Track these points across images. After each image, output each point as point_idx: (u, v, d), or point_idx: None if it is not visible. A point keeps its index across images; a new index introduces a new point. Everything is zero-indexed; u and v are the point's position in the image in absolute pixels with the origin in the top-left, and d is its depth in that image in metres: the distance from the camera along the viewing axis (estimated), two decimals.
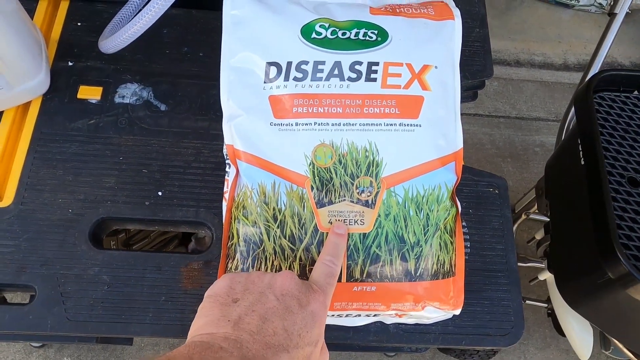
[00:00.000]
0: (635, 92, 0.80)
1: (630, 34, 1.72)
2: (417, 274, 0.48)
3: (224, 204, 0.50)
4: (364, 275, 0.47)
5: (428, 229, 0.48)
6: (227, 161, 0.50)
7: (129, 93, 0.62)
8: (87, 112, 0.60)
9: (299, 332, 0.35)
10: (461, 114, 0.51)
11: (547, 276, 0.97)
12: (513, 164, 1.50)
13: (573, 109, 0.88)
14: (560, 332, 1.04)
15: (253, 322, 0.34)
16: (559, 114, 1.58)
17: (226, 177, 0.50)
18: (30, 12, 0.65)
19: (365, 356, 1.24)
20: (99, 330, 0.51)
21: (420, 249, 0.47)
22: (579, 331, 0.93)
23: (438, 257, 0.48)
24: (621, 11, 0.95)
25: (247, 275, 0.38)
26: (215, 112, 0.62)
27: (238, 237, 0.48)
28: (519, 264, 1.12)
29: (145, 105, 0.62)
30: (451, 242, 0.49)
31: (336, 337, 0.53)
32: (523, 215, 1.17)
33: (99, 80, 0.62)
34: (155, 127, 0.60)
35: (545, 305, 1.12)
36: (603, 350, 0.96)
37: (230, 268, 0.48)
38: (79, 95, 0.61)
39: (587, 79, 0.81)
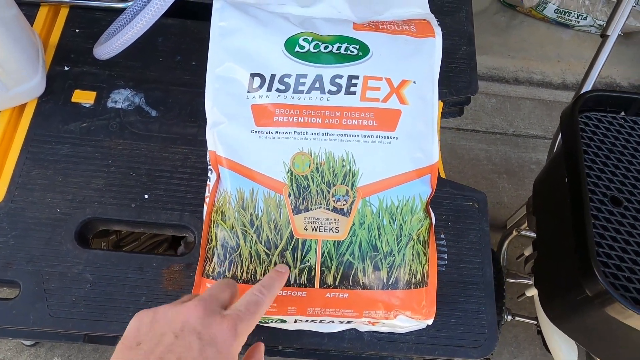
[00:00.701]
0: (622, 114, 0.81)
1: (629, 55, 1.73)
2: (390, 283, 0.49)
3: (205, 208, 0.51)
4: (337, 282, 0.48)
5: (401, 239, 0.49)
6: (209, 167, 0.52)
7: (121, 98, 0.64)
8: (80, 116, 0.62)
9: None
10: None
11: (534, 292, 0.98)
12: (509, 180, 1.50)
13: None
14: (549, 350, 1.04)
15: None
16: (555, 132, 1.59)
17: (208, 182, 0.52)
18: (31, 17, 0.67)
19: None
20: (80, 328, 0.53)
21: (393, 258, 0.49)
22: (564, 349, 0.93)
23: (410, 267, 0.49)
24: (613, 33, 0.97)
25: (154, 313, 0.37)
26: (203, 120, 0.63)
27: (216, 241, 0.49)
28: (509, 279, 1.13)
29: (136, 110, 0.63)
30: (424, 253, 0.50)
31: (311, 343, 0.54)
32: (514, 232, 1.18)
33: (94, 85, 0.64)
34: (145, 132, 0.62)
35: (535, 322, 1.12)
36: None
37: (208, 271, 0.49)
38: (73, 99, 0.63)
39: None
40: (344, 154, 0.49)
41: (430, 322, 0.52)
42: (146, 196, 0.59)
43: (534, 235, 1.02)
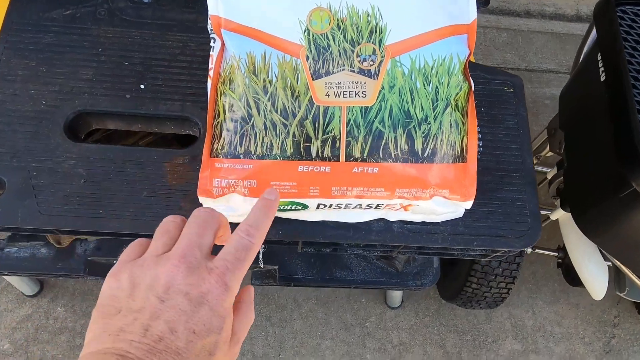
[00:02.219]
0: None
1: None
2: (425, 155, 0.43)
3: (209, 82, 0.45)
4: (365, 154, 0.42)
5: (437, 104, 0.43)
6: (212, 35, 0.45)
7: None
8: (62, 2, 0.55)
9: (191, 328, 0.30)
10: None
11: (559, 215, 0.92)
12: None
13: (593, 32, 0.82)
14: (571, 282, 0.99)
15: (135, 331, 0.30)
16: (570, 66, 1.52)
17: (211, 52, 0.45)
18: None
19: (368, 308, 1.20)
20: (74, 225, 0.47)
21: (429, 126, 0.42)
22: (594, 271, 0.89)
23: (448, 137, 0.43)
24: None
25: (130, 275, 0.32)
26: (203, 4, 0.56)
27: (224, 114, 0.43)
28: None
29: None
30: (463, 123, 0.44)
31: (335, 236, 0.48)
32: (534, 159, 1.12)
33: None
34: (138, 18, 0.55)
35: (556, 254, 1.07)
36: (617, 292, 0.91)
37: (217, 149, 0.43)
38: None
39: None
40: (369, 7, 0.42)
41: (469, 205, 0.46)
42: (142, 86, 0.52)
43: (549, 170, 0.98)
